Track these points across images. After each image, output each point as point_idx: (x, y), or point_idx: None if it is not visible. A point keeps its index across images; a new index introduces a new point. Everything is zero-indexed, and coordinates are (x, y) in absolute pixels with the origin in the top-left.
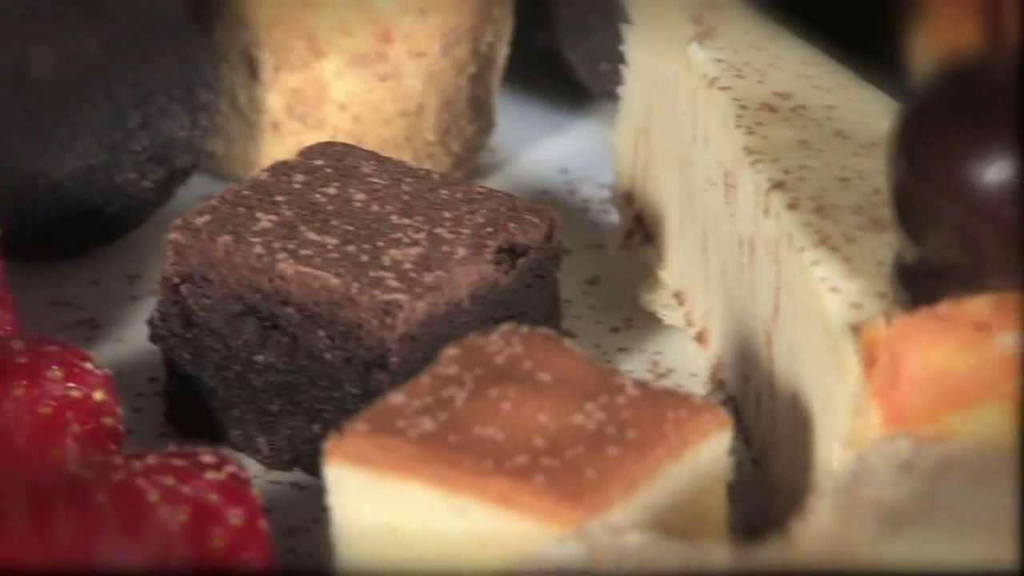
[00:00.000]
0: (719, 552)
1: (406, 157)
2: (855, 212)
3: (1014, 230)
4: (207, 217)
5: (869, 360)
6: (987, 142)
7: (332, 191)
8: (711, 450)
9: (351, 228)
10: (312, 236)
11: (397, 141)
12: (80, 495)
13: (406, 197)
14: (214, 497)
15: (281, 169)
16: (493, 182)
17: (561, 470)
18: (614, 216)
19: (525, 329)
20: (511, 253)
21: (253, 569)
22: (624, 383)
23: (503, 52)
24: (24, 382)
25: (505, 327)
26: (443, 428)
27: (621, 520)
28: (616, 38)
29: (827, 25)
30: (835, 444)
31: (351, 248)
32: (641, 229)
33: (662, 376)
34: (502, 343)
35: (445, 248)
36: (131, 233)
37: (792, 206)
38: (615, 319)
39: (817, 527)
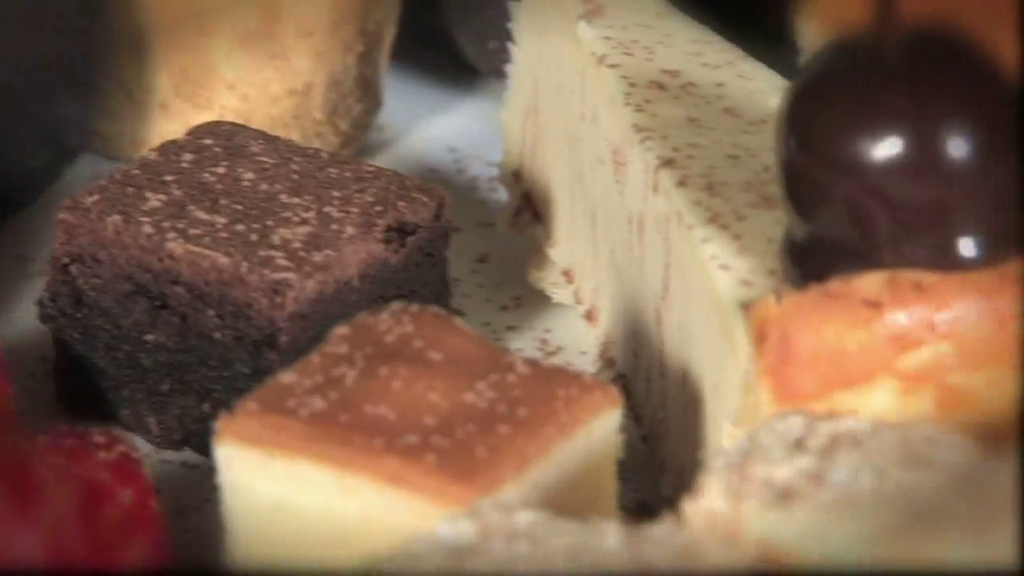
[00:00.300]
0: (610, 530)
1: (294, 136)
2: (745, 189)
3: (904, 207)
4: (96, 197)
5: (759, 337)
6: (876, 119)
7: (221, 170)
8: (601, 428)
9: (240, 207)
10: (201, 215)
11: (285, 120)
12: None
13: (295, 176)
14: (105, 477)
15: (170, 149)
16: (381, 161)
17: (452, 449)
18: (502, 194)
19: (415, 307)
20: (400, 232)
21: (144, 548)
22: (514, 361)
23: (391, 31)
24: None
25: (395, 306)
26: (334, 407)
27: (512, 498)
28: (504, 16)
29: (716, 3)
30: (726, 421)
31: (240, 227)
32: (530, 207)
33: (551, 354)
34: (392, 322)
35: (334, 227)
36: (20, 213)
37: (682, 184)
38: (504, 297)
39: (708, 505)
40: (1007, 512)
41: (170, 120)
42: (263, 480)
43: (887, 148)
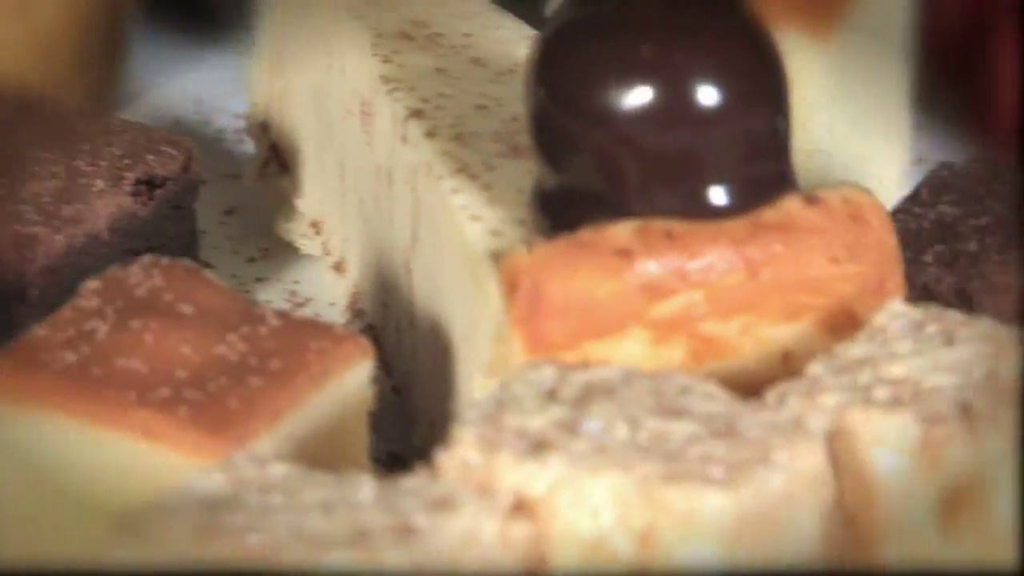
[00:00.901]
0: (364, 482)
1: (41, 90)
2: (494, 139)
3: (654, 155)
4: None
5: (510, 288)
6: (625, 68)
7: None
8: (353, 379)
9: None
10: None
11: (31, 74)
12: None
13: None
14: None
15: None
16: (129, 114)
17: (204, 402)
18: (249, 146)
19: (165, 260)
20: (149, 185)
21: None
22: (265, 314)
23: None
24: None
25: (146, 259)
26: (86, 361)
27: (265, 451)
28: None
29: None
30: (477, 372)
31: None
32: (277, 159)
33: (301, 305)
34: (143, 275)
35: (83, 181)
36: None
37: (430, 134)
38: (252, 249)
39: (461, 456)
40: (761, 460)
41: None
42: (15, 434)
43: (636, 97)
